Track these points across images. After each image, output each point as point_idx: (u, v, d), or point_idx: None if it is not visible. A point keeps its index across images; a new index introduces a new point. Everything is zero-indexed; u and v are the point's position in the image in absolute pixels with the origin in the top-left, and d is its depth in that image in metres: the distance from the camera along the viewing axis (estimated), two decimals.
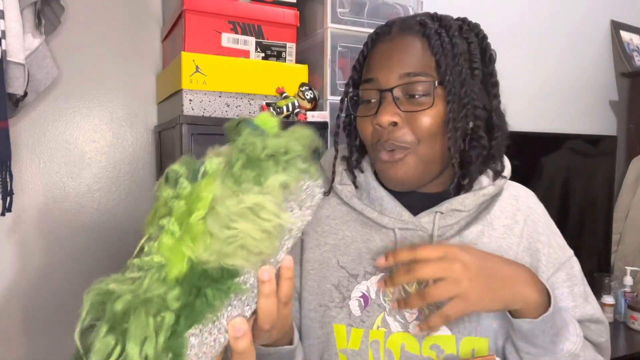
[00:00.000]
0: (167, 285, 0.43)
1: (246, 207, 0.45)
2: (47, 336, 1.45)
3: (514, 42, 2.11)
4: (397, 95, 0.65)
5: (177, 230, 0.45)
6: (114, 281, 0.44)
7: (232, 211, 0.44)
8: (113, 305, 0.42)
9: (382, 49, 0.68)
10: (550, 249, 0.73)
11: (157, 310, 0.41)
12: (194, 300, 0.43)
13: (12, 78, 1.20)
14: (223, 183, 0.46)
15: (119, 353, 0.40)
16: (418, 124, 0.64)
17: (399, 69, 0.65)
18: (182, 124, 1.15)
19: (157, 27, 1.56)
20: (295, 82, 1.31)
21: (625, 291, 1.92)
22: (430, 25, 0.66)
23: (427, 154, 0.66)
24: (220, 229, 0.44)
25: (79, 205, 1.48)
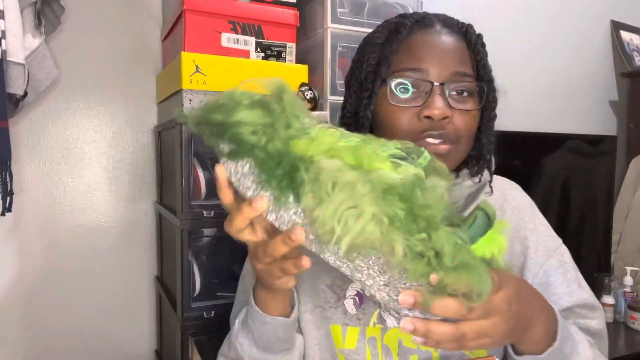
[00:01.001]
0: (284, 138, 0.47)
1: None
2: (47, 336, 1.45)
3: (514, 42, 2.11)
4: (447, 90, 0.65)
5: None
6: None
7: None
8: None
9: (429, 40, 0.67)
10: (538, 237, 0.75)
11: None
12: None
13: (12, 78, 1.20)
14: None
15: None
16: (463, 122, 0.66)
17: (452, 65, 0.65)
18: (182, 124, 1.15)
19: (157, 27, 1.56)
20: (295, 82, 1.31)
21: (625, 291, 1.92)
22: (470, 29, 0.69)
23: (462, 152, 0.68)
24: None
25: (79, 205, 1.48)
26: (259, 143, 0.47)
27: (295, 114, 0.49)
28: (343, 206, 0.42)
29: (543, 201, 1.97)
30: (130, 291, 1.56)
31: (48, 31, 1.33)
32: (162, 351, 1.55)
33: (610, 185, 2.17)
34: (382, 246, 0.42)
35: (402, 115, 0.65)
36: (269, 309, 0.64)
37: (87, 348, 1.50)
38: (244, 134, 0.47)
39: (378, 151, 0.46)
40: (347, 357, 0.70)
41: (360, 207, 0.42)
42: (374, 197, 0.42)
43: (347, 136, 0.48)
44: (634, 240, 2.16)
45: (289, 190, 0.46)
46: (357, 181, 0.42)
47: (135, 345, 1.58)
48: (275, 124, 0.47)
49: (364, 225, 0.41)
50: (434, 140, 0.64)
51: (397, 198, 0.42)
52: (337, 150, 0.46)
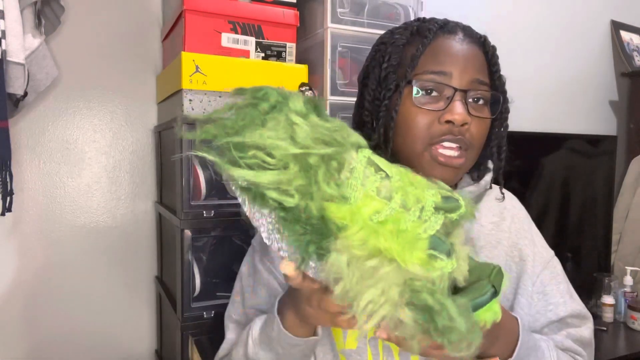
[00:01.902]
0: (318, 205, 0.43)
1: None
2: (47, 336, 1.45)
3: (514, 42, 2.11)
4: (468, 97, 0.66)
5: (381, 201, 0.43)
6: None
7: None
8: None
9: (453, 46, 0.67)
10: (535, 247, 0.76)
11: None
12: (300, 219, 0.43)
13: (12, 78, 1.20)
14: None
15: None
16: (478, 130, 0.67)
17: (473, 72, 0.67)
18: (182, 124, 1.15)
19: (157, 27, 1.56)
20: (295, 82, 1.31)
21: (625, 291, 1.92)
22: (487, 41, 0.71)
23: (472, 160, 0.69)
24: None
25: (79, 205, 1.48)
26: (289, 204, 0.42)
27: (336, 165, 0.43)
28: (369, 294, 0.41)
29: (543, 201, 1.97)
30: (130, 291, 1.56)
31: (48, 31, 1.33)
32: (162, 351, 1.55)
33: (610, 185, 2.17)
34: (393, 319, 0.42)
35: (422, 117, 0.66)
36: (300, 332, 0.63)
37: (87, 348, 1.50)
38: (273, 194, 0.42)
39: (418, 229, 0.43)
40: (348, 357, 0.70)
41: (386, 298, 0.41)
42: (402, 290, 0.41)
43: (386, 191, 0.44)
44: (634, 240, 2.16)
45: (313, 253, 0.44)
46: (389, 273, 0.41)
47: (135, 345, 1.58)
48: (312, 187, 0.42)
49: (384, 313, 0.41)
50: (450, 144, 0.65)
51: (424, 297, 0.41)
52: (374, 231, 0.42)
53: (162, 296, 1.47)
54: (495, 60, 0.70)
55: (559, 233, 1.98)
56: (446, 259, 0.42)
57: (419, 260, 0.42)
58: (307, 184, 0.42)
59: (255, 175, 0.42)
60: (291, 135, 0.43)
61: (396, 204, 0.43)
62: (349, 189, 0.43)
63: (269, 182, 0.42)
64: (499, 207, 0.77)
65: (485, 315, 0.46)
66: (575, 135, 2.09)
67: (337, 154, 0.43)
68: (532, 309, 0.73)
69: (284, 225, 0.43)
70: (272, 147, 0.42)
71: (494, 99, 0.70)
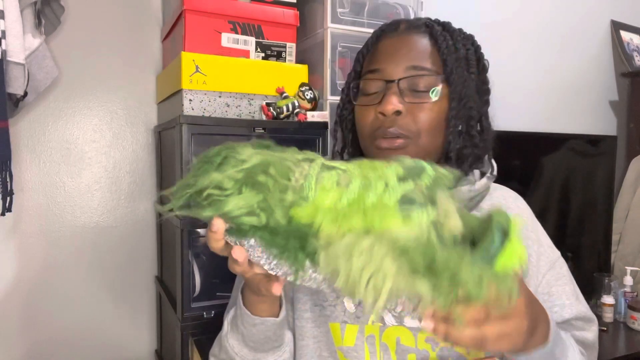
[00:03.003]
0: (283, 212, 0.45)
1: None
2: (47, 336, 1.45)
3: (514, 42, 2.11)
4: (402, 87, 0.68)
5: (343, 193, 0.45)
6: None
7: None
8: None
9: (389, 42, 0.71)
10: (540, 247, 0.74)
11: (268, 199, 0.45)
12: (278, 238, 0.46)
13: (12, 78, 1.20)
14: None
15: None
16: (421, 115, 0.67)
17: (405, 61, 0.68)
18: (182, 124, 1.15)
19: (157, 27, 1.56)
20: (295, 82, 1.31)
21: (625, 291, 1.92)
22: (436, 28, 0.71)
23: (426, 146, 0.69)
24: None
25: (79, 205, 1.48)
26: (260, 223, 0.45)
27: (286, 175, 0.46)
28: (366, 272, 0.42)
29: (543, 201, 1.97)
30: (130, 291, 1.56)
31: (48, 31, 1.33)
32: (162, 351, 1.55)
33: (610, 185, 2.17)
34: (409, 293, 0.42)
35: (365, 114, 0.70)
36: (257, 311, 0.64)
37: (86, 348, 1.50)
38: (241, 219, 0.45)
39: (384, 199, 0.44)
40: (345, 354, 0.70)
41: (383, 270, 0.41)
42: (393, 257, 0.42)
43: (344, 181, 0.46)
44: (634, 240, 2.17)
45: (305, 259, 0.46)
46: (373, 246, 0.42)
47: (135, 345, 1.58)
48: (269, 199, 0.45)
49: (389, 286, 0.41)
50: (385, 142, 0.67)
51: (415, 254, 0.42)
52: (344, 217, 0.44)
53: (162, 296, 1.47)
54: (442, 42, 0.69)
55: (559, 233, 1.98)
56: (421, 211, 0.43)
57: (395, 223, 0.43)
58: (264, 199, 0.45)
59: (216, 208, 0.45)
60: (237, 166, 0.47)
61: (355, 186, 0.45)
62: (305, 190, 0.45)
63: (231, 209, 0.45)
64: (503, 206, 0.75)
65: (509, 260, 0.42)
66: (575, 135, 2.09)
67: (282, 166, 0.47)
68: None
69: (268, 244, 0.46)
70: (222, 180, 0.46)
71: (447, 82, 0.68)
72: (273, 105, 1.27)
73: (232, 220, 0.46)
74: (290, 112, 1.27)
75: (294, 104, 1.28)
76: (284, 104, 1.27)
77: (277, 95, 1.29)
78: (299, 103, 1.29)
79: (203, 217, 0.47)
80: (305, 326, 0.73)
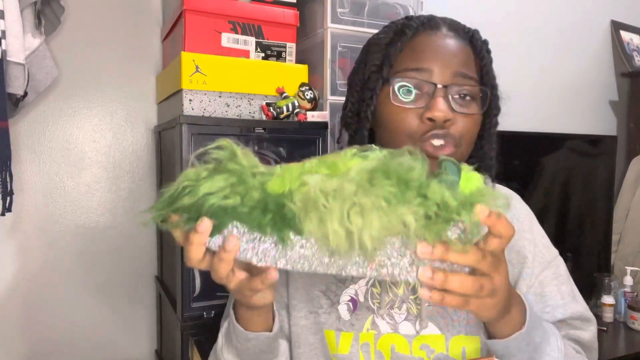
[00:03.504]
0: (257, 185, 0.48)
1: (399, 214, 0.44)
2: (47, 336, 1.45)
3: (514, 42, 2.11)
4: (450, 92, 0.64)
5: (317, 167, 0.48)
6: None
7: (379, 202, 0.44)
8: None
9: (434, 41, 0.66)
10: (535, 247, 0.74)
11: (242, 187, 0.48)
12: (257, 213, 0.47)
13: (12, 78, 1.20)
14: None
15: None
16: (466, 126, 0.65)
17: (454, 66, 0.65)
18: (182, 124, 1.15)
19: (157, 27, 1.56)
20: (295, 82, 1.31)
21: (625, 291, 1.92)
22: (476, 36, 0.69)
23: (463, 156, 0.67)
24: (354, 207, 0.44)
25: (79, 205, 1.48)
26: (237, 202, 0.47)
27: (254, 163, 0.49)
28: (345, 209, 0.43)
29: (543, 201, 1.97)
30: (130, 291, 1.56)
31: (48, 31, 1.33)
32: (162, 351, 1.55)
33: (610, 185, 2.17)
34: (394, 227, 0.44)
35: (404, 116, 0.64)
36: (251, 325, 0.63)
37: (87, 348, 1.50)
38: (219, 202, 0.47)
39: (341, 155, 0.48)
40: None
41: (359, 204, 0.43)
42: (365, 189, 0.44)
43: (307, 162, 0.49)
44: (634, 240, 2.16)
45: (287, 229, 0.47)
46: (342, 183, 0.44)
47: (135, 345, 1.58)
48: (243, 176, 0.48)
49: (371, 217, 0.43)
50: (438, 141, 0.64)
51: (383, 179, 0.44)
52: (310, 170, 0.47)
53: (162, 296, 1.47)
54: (484, 54, 0.68)
55: (559, 233, 1.98)
56: (373, 152, 0.47)
57: (354, 162, 0.47)
58: (237, 181, 0.47)
59: (193, 195, 0.47)
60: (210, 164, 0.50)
61: (316, 159, 0.49)
62: (274, 169, 0.49)
63: (207, 191, 0.47)
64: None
65: (470, 184, 0.46)
66: (575, 135, 2.09)
67: (251, 158, 0.50)
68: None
69: (248, 222, 0.47)
70: (195, 172, 0.49)
71: (484, 94, 0.67)
72: (273, 105, 1.27)
73: (209, 210, 0.47)
74: (290, 112, 1.27)
75: (294, 104, 1.28)
76: (284, 104, 1.27)
77: (277, 95, 1.29)
78: (299, 103, 1.29)
79: (181, 215, 0.48)
80: (300, 333, 0.73)
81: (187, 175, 0.49)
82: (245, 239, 0.48)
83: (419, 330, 0.68)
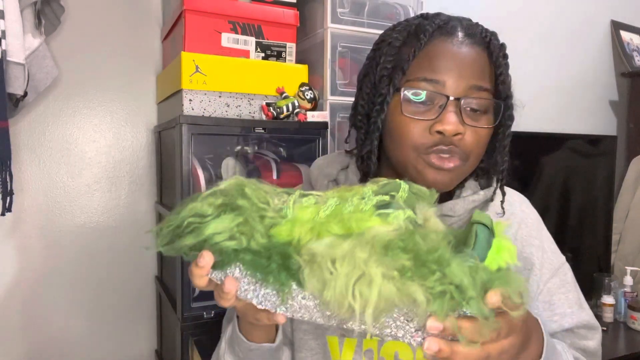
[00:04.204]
0: (263, 231, 0.46)
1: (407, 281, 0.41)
2: (47, 335, 1.45)
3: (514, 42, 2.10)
4: (462, 105, 0.62)
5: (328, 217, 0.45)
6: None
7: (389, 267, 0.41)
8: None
9: (449, 50, 0.63)
10: (544, 254, 0.73)
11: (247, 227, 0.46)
12: (264, 261, 0.45)
13: (12, 78, 1.20)
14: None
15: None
16: (474, 139, 0.63)
17: (469, 78, 0.62)
18: (182, 124, 1.15)
19: (157, 27, 1.56)
20: (295, 82, 1.31)
21: (625, 291, 1.92)
22: (494, 42, 0.65)
23: (471, 168, 0.66)
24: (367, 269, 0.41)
25: (79, 205, 1.48)
26: (241, 245, 0.45)
27: (264, 199, 0.47)
28: (351, 279, 0.41)
29: (543, 201, 1.97)
30: (130, 291, 1.56)
31: (48, 31, 1.33)
32: (162, 351, 1.55)
33: (610, 185, 2.17)
34: (402, 300, 0.41)
35: (413, 126, 0.62)
36: (253, 337, 0.63)
37: (86, 348, 1.50)
38: (223, 243, 0.45)
39: (361, 206, 0.45)
40: None
41: (368, 273, 0.40)
42: (377, 258, 0.41)
43: (322, 200, 0.47)
44: (634, 240, 2.16)
45: (290, 279, 0.45)
46: (354, 249, 0.42)
47: (135, 345, 1.58)
48: (249, 220, 0.45)
49: (379, 290, 0.40)
50: (444, 155, 0.62)
51: (399, 251, 0.41)
52: (322, 225, 0.45)
53: (162, 296, 1.47)
54: (499, 62, 0.65)
55: (559, 233, 1.98)
56: (398, 212, 0.44)
57: (372, 224, 0.44)
58: (243, 222, 0.45)
59: (197, 234, 0.46)
60: (216, 194, 0.48)
61: (332, 201, 0.46)
62: (284, 210, 0.47)
63: (211, 232, 0.45)
64: (507, 213, 0.73)
65: (502, 257, 0.42)
66: (575, 135, 2.09)
67: (260, 191, 0.48)
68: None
69: (251, 267, 0.45)
70: (201, 207, 0.46)
71: (497, 106, 0.65)
72: (273, 105, 1.27)
73: (213, 247, 0.46)
74: (290, 112, 1.27)
75: (294, 104, 1.28)
76: (284, 104, 1.27)
77: (277, 95, 1.29)
78: (299, 103, 1.29)
79: (185, 249, 0.47)
80: (303, 338, 0.72)
81: (193, 210, 0.46)
82: (247, 280, 0.47)
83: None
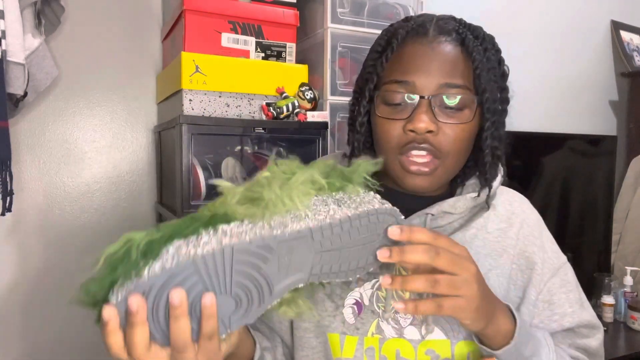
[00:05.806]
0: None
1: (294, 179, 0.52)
2: (47, 335, 1.45)
3: (514, 42, 2.11)
4: (433, 103, 0.63)
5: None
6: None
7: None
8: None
9: (419, 51, 0.65)
10: (545, 254, 0.73)
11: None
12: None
13: (12, 78, 1.20)
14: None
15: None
16: (453, 136, 0.64)
17: (439, 77, 0.63)
18: (182, 124, 1.15)
19: (157, 27, 1.56)
20: (295, 82, 1.31)
21: (625, 291, 1.92)
22: (469, 37, 0.66)
23: (452, 166, 0.66)
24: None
25: (79, 205, 1.48)
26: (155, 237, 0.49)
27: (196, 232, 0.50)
28: (281, 184, 0.51)
29: (543, 201, 1.97)
30: None
31: (48, 31, 1.33)
32: None
33: (610, 185, 2.17)
34: (315, 184, 0.53)
35: (389, 127, 0.65)
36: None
37: (86, 348, 1.50)
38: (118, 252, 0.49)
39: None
40: None
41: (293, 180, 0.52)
42: (298, 179, 0.52)
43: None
44: (634, 240, 2.17)
45: (219, 224, 0.49)
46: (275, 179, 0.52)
47: None
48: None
49: (298, 179, 0.52)
50: (418, 152, 0.63)
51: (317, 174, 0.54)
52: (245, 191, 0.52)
53: None
54: (475, 57, 0.65)
55: (559, 233, 1.98)
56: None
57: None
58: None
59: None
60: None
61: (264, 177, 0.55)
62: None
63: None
64: (508, 212, 0.73)
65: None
66: (575, 135, 2.09)
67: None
68: (535, 318, 0.71)
69: (177, 233, 0.49)
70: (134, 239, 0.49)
71: (480, 100, 0.65)
72: (273, 105, 1.27)
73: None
74: (290, 112, 1.27)
75: (294, 104, 1.28)
76: (284, 104, 1.27)
77: (277, 95, 1.29)
78: (299, 103, 1.29)
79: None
80: (303, 336, 0.72)
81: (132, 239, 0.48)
82: (172, 251, 0.47)
83: (425, 335, 0.68)
